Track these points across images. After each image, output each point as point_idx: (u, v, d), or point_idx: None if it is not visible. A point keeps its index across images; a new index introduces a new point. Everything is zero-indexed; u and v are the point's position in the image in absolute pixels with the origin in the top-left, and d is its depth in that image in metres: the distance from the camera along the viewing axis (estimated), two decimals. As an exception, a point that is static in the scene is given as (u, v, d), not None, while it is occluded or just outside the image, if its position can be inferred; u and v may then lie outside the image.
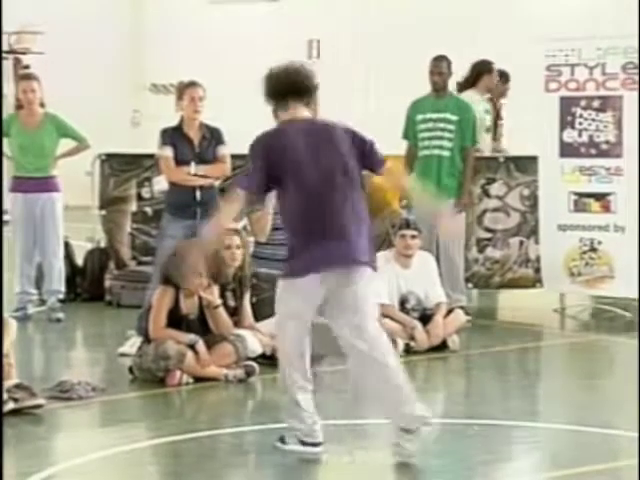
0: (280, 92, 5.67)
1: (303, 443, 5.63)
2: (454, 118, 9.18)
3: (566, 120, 9.61)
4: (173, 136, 8.13)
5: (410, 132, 9.35)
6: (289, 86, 5.67)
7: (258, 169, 5.58)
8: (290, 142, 5.59)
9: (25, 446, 5.96)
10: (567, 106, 9.60)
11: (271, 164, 5.56)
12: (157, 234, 8.72)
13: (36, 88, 9.26)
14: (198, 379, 7.14)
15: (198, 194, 8.08)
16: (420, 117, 9.25)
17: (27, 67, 15.22)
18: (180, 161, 8.09)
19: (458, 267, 9.28)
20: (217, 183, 8.38)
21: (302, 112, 5.70)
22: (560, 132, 9.64)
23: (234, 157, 8.33)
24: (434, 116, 9.20)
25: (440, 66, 9.21)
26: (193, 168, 8.08)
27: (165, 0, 19.95)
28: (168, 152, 8.10)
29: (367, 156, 5.72)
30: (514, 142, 11.10)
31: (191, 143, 8.13)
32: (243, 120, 10.60)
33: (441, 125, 9.19)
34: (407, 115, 9.38)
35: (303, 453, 5.62)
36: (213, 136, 8.17)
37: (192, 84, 8.21)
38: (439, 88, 9.23)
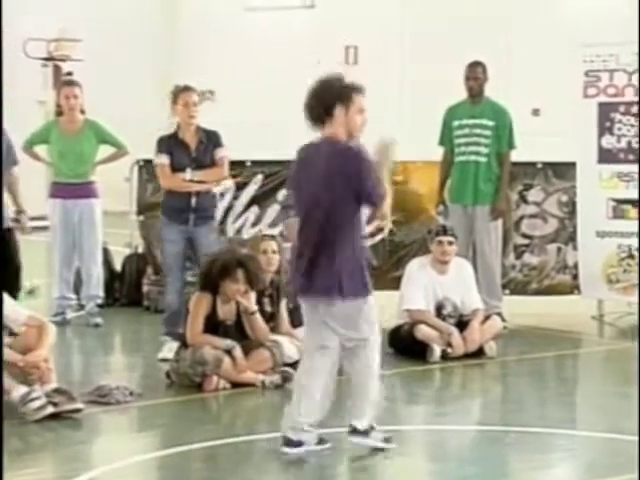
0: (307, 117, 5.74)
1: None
2: (490, 123, 9.16)
3: (604, 126, 9.56)
4: (169, 143, 8.10)
5: (446, 138, 9.33)
6: (305, 111, 5.72)
7: None
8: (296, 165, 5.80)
9: (64, 450, 6.01)
10: (606, 112, 9.55)
11: None
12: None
13: (78, 94, 9.33)
14: (235, 385, 7.16)
15: (193, 200, 8.05)
16: (456, 123, 9.24)
17: (70, 74, 15.34)
18: (177, 167, 8.05)
19: (495, 273, 9.25)
20: (216, 187, 8.38)
21: (323, 132, 5.71)
22: (598, 138, 9.59)
23: (259, 163, 8.27)
24: (470, 122, 9.18)
25: (476, 71, 9.19)
26: (189, 174, 8.06)
27: (201, 7, 20.05)
28: (164, 160, 8.08)
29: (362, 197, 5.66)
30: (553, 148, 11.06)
31: (187, 148, 8.08)
32: (278, 126, 10.63)
33: (477, 131, 9.17)
34: (443, 121, 9.37)
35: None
36: (210, 139, 8.12)
37: (186, 89, 8.17)
38: (475, 94, 9.21)
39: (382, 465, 5.78)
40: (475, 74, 9.19)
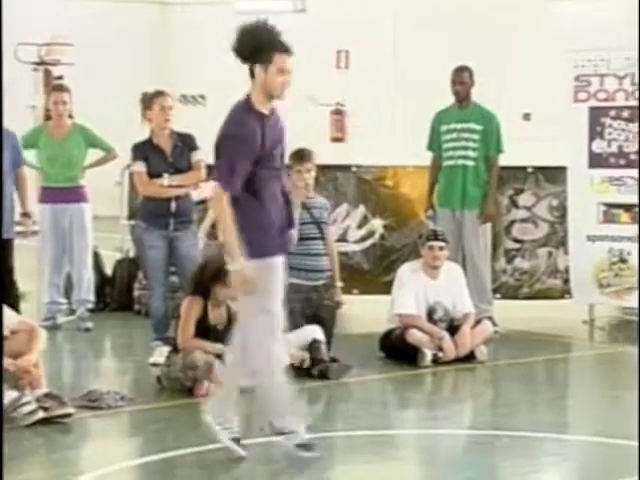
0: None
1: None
2: (478, 128, 9.18)
3: (595, 130, 9.58)
4: (144, 150, 8.07)
5: (435, 143, 9.35)
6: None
7: None
8: None
9: (54, 455, 6.00)
10: (596, 116, 9.57)
11: None
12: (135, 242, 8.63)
13: (67, 100, 9.33)
14: (226, 389, 7.15)
15: (173, 205, 8.03)
16: (444, 128, 9.26)
17: (60, 78, 15.30)
18: (154, 173, 8.02)
19: (484, 277, 9.26)
20: (193, 191, 8.36)
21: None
22: (589, 142, 9.61)
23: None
24: (458, 126, 9.20)
25: (462, 76, 9.21)
26: (166, 179, 8.04)
27: (192, 11, 20.04)
28: (140, 167, 8.06)
29: None
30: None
31: (163, 153, 8.05)
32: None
33: (465, 135, 9.19)
34: (431, 126, 9.39)
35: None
36: (185, 143, 8.09)
37: (160, 93, 8.13)
38: (462, 98, 9.23)
39: (373, 470, 5.77)
40: (461, 78, 9.21)
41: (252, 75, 5.58)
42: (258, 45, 5.52)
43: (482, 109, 9.31)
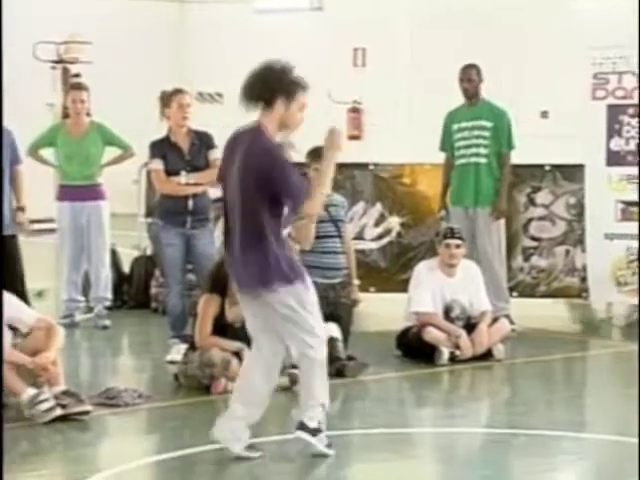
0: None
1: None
2: (489, 124, 9.17)
3: (613, 128, 9.55)
4: (162, 147, 8.08)
5: (447, 143, 9.34)
6: (244, 91, 5.67)
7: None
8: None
9: (72, 452, 6.02)
10: (614, 114, 9.53)
11: None
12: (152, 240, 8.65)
13: (85, 99, 9.35)
14: (243, 387, 7.15)
15: (190, 203, 8.04)
16: (456, 127, 9.25)
17: (78, 75, 15.34)
18: (171, 171, 8.03)
19: (499, 275, 9.23)
20: (211, 189, 8.37)
21: (258, 116, 5.67)
22: (607, 140, 9.58)
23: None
24: (469, 124, 9.19)
25: (469, 73, 9.20)
26: (184, 177, 8.05)
27: (210, 9, 20.07)
28: (158, 165, 8.07)
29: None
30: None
31: (180, 151, 8.06)
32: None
33: (476, 132, 9.18)
34: (443, 126, 9.39)
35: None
36: (202, 141, 8.09)
37: (179, 91, 8.14)
38: (470, 95, 9.22)
39: (390, 468, 5.77)
40: (469, 76, 9.20)
41: (267, 105, 5.63)
42: (286, 80, 5.64)
43: (492, 106, 9.30)
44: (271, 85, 5.63)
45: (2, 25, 7.04)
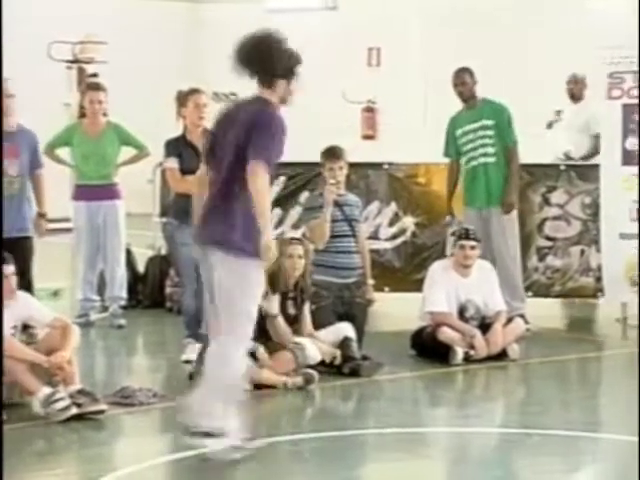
0: None
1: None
2: (490, 123, 9.16)
3: (628, 128, 9.52)
4: (177, 146, 8.08)
5: (451, 149, 9.33)
6: (241, 61, 6.02)
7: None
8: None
9: (87, 451, 6.04)
10: (629, 114, 9.51)
11: None
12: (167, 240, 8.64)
13: (103, 99, 9.36)
14: (257, 386, 7.17)
15: None
16: (459, 131, 9.25)
17: (95, 75, 15.35)
18: (186, 170, 8.00)
19: (514, 275, 9.22)
20: None
21: (259, 91, 5.84)
22: (622, 140, 9.55)
23: (282, 165, 8.23)
24: (472, 126, 9.19)
25: (462, 77, 9.21)
26: None
27: (224, 9, 20.10)
28: (173, 163, 8.07)
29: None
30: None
31: (196, 150, 8.01)
32: (300, 127, 10.58)
33: (480, 133, 9.18)
34: (447, 132, 9.37)
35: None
36: None
37: (195, 91, 8.16)
38: (466, 98, 9.22)
39: (404, 467, 5.77)
40: (462, 79, 9.21)
41: (269, 85, 5.83)
42: (294, 63, 5.85)
43: (491, 103, 9.29)
44: (272, 72, 5.81)
45: (2, 25, 7.08)
